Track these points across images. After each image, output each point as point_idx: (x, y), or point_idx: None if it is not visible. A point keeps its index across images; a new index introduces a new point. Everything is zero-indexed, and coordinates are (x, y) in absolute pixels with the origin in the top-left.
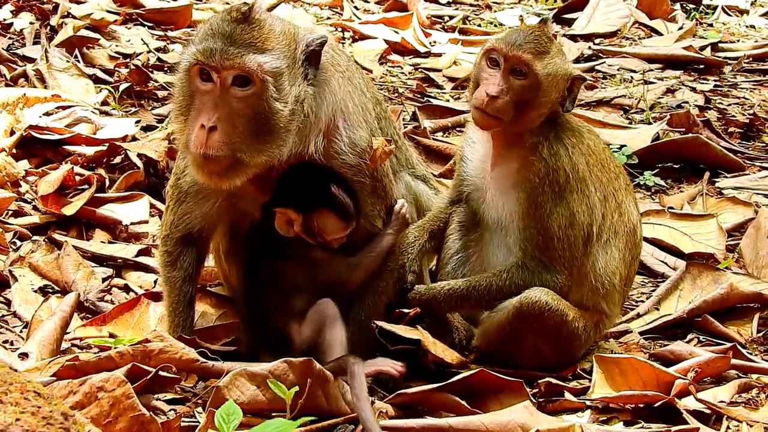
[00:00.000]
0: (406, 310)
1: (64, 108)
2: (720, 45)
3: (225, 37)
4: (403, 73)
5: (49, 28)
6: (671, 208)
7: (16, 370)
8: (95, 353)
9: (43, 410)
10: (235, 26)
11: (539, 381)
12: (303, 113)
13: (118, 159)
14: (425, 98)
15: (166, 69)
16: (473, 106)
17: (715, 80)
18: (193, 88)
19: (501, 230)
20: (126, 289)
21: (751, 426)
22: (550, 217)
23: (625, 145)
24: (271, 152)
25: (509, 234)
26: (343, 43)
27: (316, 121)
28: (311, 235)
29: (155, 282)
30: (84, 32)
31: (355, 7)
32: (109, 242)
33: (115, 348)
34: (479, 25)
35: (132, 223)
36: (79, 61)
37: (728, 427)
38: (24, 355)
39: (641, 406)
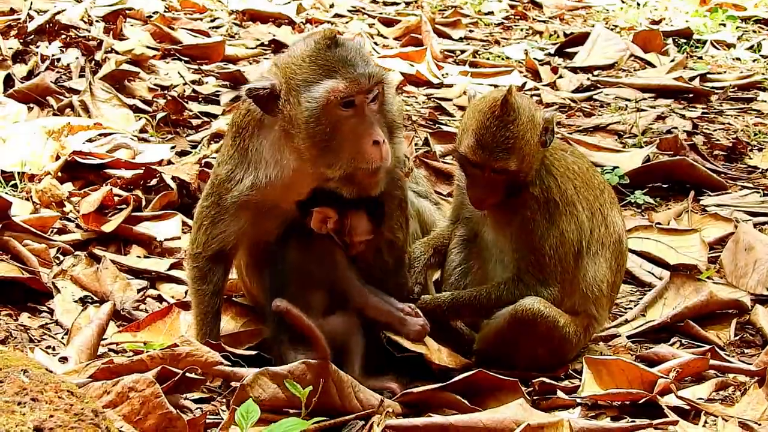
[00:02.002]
0: None
1: (105, 135)
2: (708, 76)
3: (349, 63)
4: (417, 102)
5: (93, 62)
6: (659, 223)
7: (51, 372)
8: (128, 357)
9: (75, 407)
10: (339, 50)
11: (533, 380)
12: None
13: (153, 181)
14: (436, 125)
15: (200, 99)
16: (470, 202)
17: (702, 108)
18: (337, 117)
19: (498, 250)
20: (159, 299)
21: (726, 420)
22: (542, 239)
23: (617, 167)
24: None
25: (505, 254)
26: None
27: None
28: (340, 234)
29: (185, 293)
30: (125, 66)
31: (375, 43)
32: (145, 257)
33: (146, 352)
34: (488, 59)
35: (165, 240)
36: (120, 93)
37: (705, 422)
38: (64, 359)
39: (627, 402)
